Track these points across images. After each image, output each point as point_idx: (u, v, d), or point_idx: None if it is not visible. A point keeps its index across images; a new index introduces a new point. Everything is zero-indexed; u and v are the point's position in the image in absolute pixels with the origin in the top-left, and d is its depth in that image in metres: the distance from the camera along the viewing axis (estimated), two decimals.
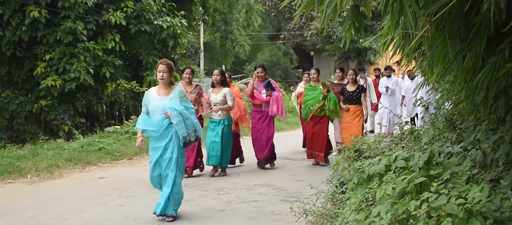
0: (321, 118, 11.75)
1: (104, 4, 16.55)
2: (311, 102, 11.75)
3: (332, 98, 11.60)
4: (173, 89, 7.48)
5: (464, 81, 5.06)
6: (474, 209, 3.25)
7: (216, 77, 10.75)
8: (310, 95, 11.87)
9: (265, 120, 11.44)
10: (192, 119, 7.44)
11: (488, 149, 4.60)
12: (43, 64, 15.60)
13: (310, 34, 37.32)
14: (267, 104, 11.36)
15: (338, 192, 5.77)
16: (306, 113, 11.82)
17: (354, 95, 11.93)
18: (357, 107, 11.91)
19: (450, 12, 3.62)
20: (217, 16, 26.61)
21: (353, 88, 12.01)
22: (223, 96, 10.61)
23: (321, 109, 11.60)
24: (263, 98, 11.41)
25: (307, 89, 12.06)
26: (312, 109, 11.65)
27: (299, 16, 4.47)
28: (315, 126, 11.79)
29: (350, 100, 11.95)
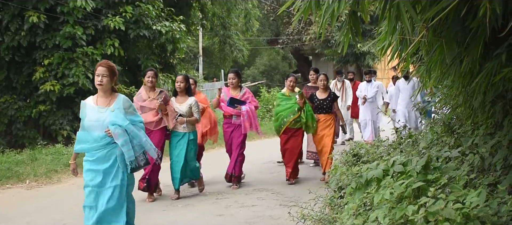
0: (295, 130, 10.45)
1: (103, 9, 16.56)
2: (284, 113, 10.39)
3: (309, 111, 10.34)
4: (116, 98, 5.99)
5: (461, 86, 5.08)
6: (472, 213, 3.26)
7: (180, 84, 9.21)
8: (283, 105, 10.54)
9: (236, 133, 10.08)
10: (140, 136, 6.04)
11: (486, 154, 4.61)
12: (41, 69, 15.60)
13: (308, 39, 37.37)
14: (238, 117, 10.00)
15: (336, 197, 5.77)
16: (279, 125, 10.46)
17: (325, 104, 10.57)
18: (328, 117, 10.56)
19: (447, 17, 3.64)
20: (216, 21, 26.61)
21: (324, 96, 10.64)
22: (188, 107, 9.11)
23: (295, 121, 10.33)
24: (232, 111, 10.01)
25: (281, 99, 10.73)
26: (286, 121, 10.33)
27: (297, 21, 4.49)
28: (289, 140, 10.46)
29: (320, 109, 10.56)
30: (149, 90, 9.12)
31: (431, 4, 3.74)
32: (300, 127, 10.41)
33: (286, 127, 10.34)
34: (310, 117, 10.30)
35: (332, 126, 10.50)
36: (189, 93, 9.34)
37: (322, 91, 10.73)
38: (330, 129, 10.45)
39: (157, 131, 8.88)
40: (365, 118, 15.86)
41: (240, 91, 10.20)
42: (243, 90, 10.23)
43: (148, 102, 8.96)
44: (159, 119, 8.89)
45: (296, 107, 10.29)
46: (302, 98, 10.23)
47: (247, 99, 10.15)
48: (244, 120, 9.94)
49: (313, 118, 10.34)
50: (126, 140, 5.87)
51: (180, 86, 9.23)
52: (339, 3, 3.73)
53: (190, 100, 9.19)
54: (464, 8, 3.38)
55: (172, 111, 9.04)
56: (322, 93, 10.71)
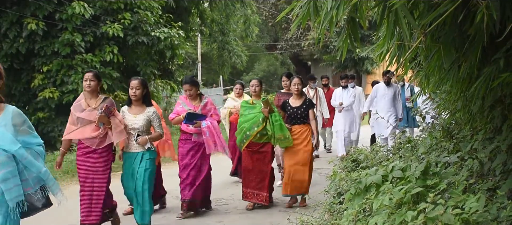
0: (261, 145, 8.72)
1: (101, 16, 16.58)
2: (247, 125, 8.62)
3: (277, 121, 8.48)
4: (3, 111, 4.42)
5: (460, 91, 5.09)
6: (471, 219, 3.26)
7: (135, 90, 7.17)
8: (246, 115, 8.75)
9: (197, 153, 8.27)
10: (38, 166, 4.58)
11: (485, 159, 4.61)
12: (40, 77, 15.60)
13: (307, 44, 37.48)
14: (199, 134, 8.24)
15: (336, 203, 5.77)
16: (241, 139, 8.67)
17: (299, 113, 8.80)
18: (303, 128, 8.81)
19: (445, 22, 3.64)
20: (215, 27, 26.67)
21: (299, 103, 8.87)
22: (146, 120, 7.19)
23: (261, 134, 8.55)
24: (192, 129, 8.27)
25: (244, 108, 8.96)
26: (249, 134, 8.57)
27: (296, 27, 4.50)
28: (253, 156, 8.72)
29: (294, 119, 8.83)
30: (90, 97, 7.18)
31: (428, 10, 3.75)
32: (267, 141, 8.67)
33: (249, 140, 8.61)
34: (278, 128, 8.48)
35: (309, 139, 8.83)
36: (147, 103, 7.35)
37: (296, 98, 8.95)
38: (306, 143, 8.76)
39: (101, 150, 7.04)
40: (339, 128, 14.35)
41: (200, 102, 8.41)
42: (204, 100, 8.45)
43: (86, 113, 7.05)
44: (103, 135, 7.01)
45: (261, 118, 8.51)
46: (267, 106, 8.42)
47: (208, 112, 8.42)
48: (207, 138, 8.20)
49: (282, 129, 8.51)
50: (12, 171, 4.35)
51: (135, 94, 7.18)
52: (338, 9, 3.73)
53: (148, 112, 7.25)
54: (461, 13, 3.38)
55: (117, 124, 6.99)
56: (295, 100, 8.95)
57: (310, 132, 8.86)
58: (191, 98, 8.35)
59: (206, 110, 8.38)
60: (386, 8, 3.64)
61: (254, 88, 9.14)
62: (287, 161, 8.75)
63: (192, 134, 8.24)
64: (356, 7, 3.89)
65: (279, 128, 8.48)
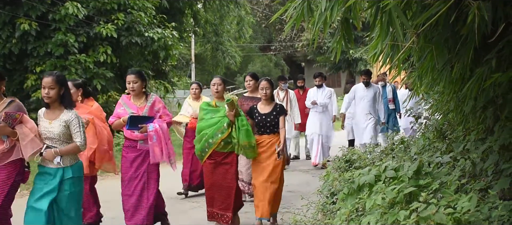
0: (225, 155, 7.40)
1: (95, 16, 16.55)
2: (209, 132, 7.28)
3: (243, 127, 7.20)
4: None
5: (452, 91, 5.12)
6: (463, 218, 3.28)
7: (48, 90, 5.43)
8: (208, 120, 7.41)
9: (143, 164, 6.95)
10: None
11: (477, 159, 4.64)
12: (33, 77, 15.55)
13: (301, 46, 37.55)
14: (146, 141, 6.92)
15: (329, 203, 5.79)
16: (202, 148, 7.32)
17: (269, 121, 7.46)
18: (274, 138, 7.44)
19: (437, 23, 3.67)
20: (208, 28, 26.68)
21: (268, 110, 7.53)
22: (63, 127, 5.48)
23: (225, 141, 7.27)
24: (137, 136, 6.97)
25: (205, 111, 7.55)
26: (212, 142, 7.25)
27: (290, 28, 4.52)
28: (217, 168, 7.41)
29: (263, 127, 7.50)
30: None
31: (421, 10, 3.78)
32: (232, 150, 7.36)
33: (212, 150, 7.30)
34: (245, 134, 7.18)
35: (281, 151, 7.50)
36: (67, 104, 5.58)
37: (265, 104, 7.63)
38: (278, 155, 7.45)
39: (5, 166, 5.57)
40: (313, 131, 13.16)
41: (146, 101, 7.09)
42: (151, 99, 7.12)
43: None
44: (8, 148, 5.55)
45: (226, 122, 7.20)
46: (233, 109, 7.13)
47: (157, 113, 7.14)
48: (153, 143, 6.88)
49: (248, 135, 7.22)
50: None
51: (49, 94, 5.44)
52: (332, 10, 3.75)
53: (67, 116, 5.49)
54: (453, 14, 3.41)
55: (25, 134, 5.45)
56: (265, 106, 7.62)
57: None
58: (134, 94, 7.04)
59: (154, 112, 7.09)
60: (380, 9, 3.66)
61: (216, 87, 7.69)
62: (256, 177, 7.39)
63: (137, 140, 6.97)
64: (350, 8, 3.91)
65: (245, 134, 7.20)
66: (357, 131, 12.62)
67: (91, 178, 7.23)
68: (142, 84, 6.98)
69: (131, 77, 6.93)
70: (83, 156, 6.55)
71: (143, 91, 7.05)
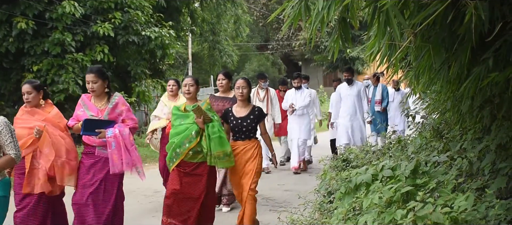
0: (195, 166, 6.60)
1: (92, 15, 16.52)
2: (177, 140, 6.53)
3: (215, 134, 6.45)
4: None
5: (449, 91, 5.12)
6: (460, 217, 3.29)
7: None
8: (176, 127, 6.65)
9: (101, 171, 6.17)
10: None
11: (474, 158, 4.65)
12: (30, 76, 15.49)
13: (298, 45, 37.55)
14: (104, 147, 6.17)
15: (326, 202, 5.79)
16: (171, 157, 6.60)
17: (245, 125, 6.84)
18: (250, 144, 6.86)
19: (435, 22, 3.67)
20: (205, 27, 26.66)
21: (245, 113, 6.89)
22: None
23: (194, 151, 6.51)
24: (94, 140, 6.20)
25: (175, 116, 6.76)
26: (179, 152, 6.51)
27: (287, 27, 4.52)
28: (184, 178, 6.58)
29: (239, 133, 6.88)
30: None
31: (419, 10, 3.78)
32: (203, 160, 6.57)
33: (180, 159, 6.53)
34: (217, 143, 6.45)
35: (258, 157, 6.87)
36: None
37: (242, 106, 6.95)
38: (254, 161, 6.82)
39: None
40: (292, 136, 12.49)
41: (108, 103, 6.37)
42: (114, 100, 6.39)
43: None
44: None
45: (194, 130, 6.46)
46: (200, 115, 6.39)
47: (118, 116, 6.36)
48: (112, 151, 6.10)
49: (221, 144, 6.50)
50: None
51: None
52: (329, 9, 3.75)
53: None
54: (451, 13, 3.41)
55: None
56: (241, 108, 6.95)
57: (259, 149, 6.93)
58: (95, 95, 6.34)
59: (115, 115, 6.31)
60: (377, 8, 3.66)
61: (188, 88, 6.81)
62: (235, 189, 7.00)
63: (95, 146, 6.21)
64: (347, 7, 3.92)
65: (218, 142, 6.46)
66: (341, 130, 11.97)
67: (55, 198, 6.29)
68: (103, 83, 6.28)
69: (90, 76, 6.23)
70: (41, 171, 5.94)
71: (105, 92, 6.35)
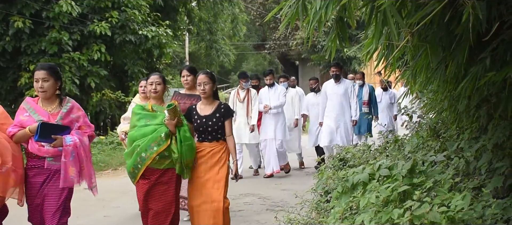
0: (161, 173, 5.80)
1: (88, 14, 16.52)
2: (143, 143, 5.69)
3: (187, 141, 5.75)
4: None
5: (446, 90, 5.13)
6: (457, 217, 3.29)
7: None
8: (141, 128, 5.82)
9: (55, 189, 5.15)
10: None
11: (470, 158, 4.65)
12: (27, 75, 15.50)
13: (295, 44, 37.55)
14: (56, 158, 5.15)
15: (323, 201, 5.79)
16: (134, 164, 5.74)
17: (210, 124, 5.99)
18: (216, 147, 6.02)
19: (432, 22, 3.67)
20: (202, 26, 26.67)
21: (210, 111, 6.06)
22: None
23: (161, 156, 5.70)
24: (47, 151, 5.17)
25: (138, 116, 5.92)
26: (144, 157, 5.67)
27: (284, 27, 4.52)
28: (152, 191, 5.80)
29: (204, 132, 6.03)
30: None
31: (416, 9, 3.78)
32: (170, 166, 5.80)
33: (146, 166, 5.70)
34: (189, 150, 5.76)
35: (224, 163, 6.03)
36: None
37: (206, 103, 6.12)
38: (220, 169, 5.98)
39: None
40: (266, 137, 11.58)
41: (60, 106, 5.44)
42: (68, 104, 5.48)
43: None
44: None
45: (164, 132, 5.69)
46: (175, 116, 5.68)
47: (74, 122, 5.42)
48: (68, 162, 5.11)
49: (192, 152, 5.84)
50: None
51: None
52: (326, 9, 3.75)
53: None
54: (448, 13, 3.41)
55: None
56: (205, 106, 6.12)
57: (226, 153, 6.09)
58: (44, 98, 5.34)
59: (70, 120, 5.34)
60: (374, 7, 3.66)
61: (154, 87, 6.01)
62: (194, 197, 5.94)
63: (45, 157, 5.15)
64: (345, 7, 3.92)
65: (190, 150, 5.78)
66: (325, 131, 11.16)
67: None
68: (55, 84, 5.31)
69: (41, 73, 5.22)
70: None
71: (56, 94, 5.38)
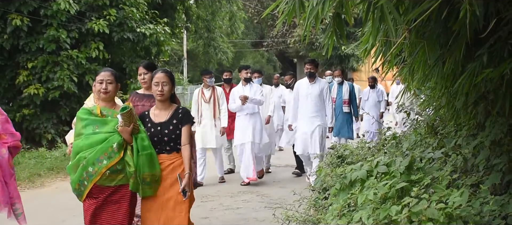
0: (112, 191, 4.89)
1: (86, 12, 16.49)
2: (91, 155, 4.76)
3: (146, 150, 4.86)
4: None
5: (444, 87, 5.13)
6: (455, 213, 3.29)
7: None
8: (88, 137, 4.85)
9: None
10: None
11: (468, 154, 4.66)
12: (25, 73, 15.47)
13: (293, 41, 37.50)
14: None
15: (321, 198, 5.80)
16: (79, 179, 4.81)
17: (167, 133, 5.04)
18: (175, 160, 5.07)
19: (429, 19, 3.68)
20: (200, 24, 26.66)
21: (166, 116, 5.10)
22: None
23: (112, 170, 4.79)
24: None
25: (84, 122, 4.90)
26: (92, 172, 4.75)
27: (281, 24, 4.52)
28: (102, 212, 4.93)
29: (160, 143, 5.05)
30: None
31: (413, 6, 3.78)
32: (124, 182, 4.89)
33: (94, 183, 4.78)
34: (148, 162, 4.84)
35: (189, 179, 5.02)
36: None
37: (161, 108, 5.15)
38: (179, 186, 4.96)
39: None
40: (243, 140, 10.41)
41: None
42: None
43: None
44: None
45: (115, 142, 4.77)
46: (130, 122, 4.77)
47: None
48: None
49: (152, 164, 4.90)
50: None
51: None
52: (323, 5, 3.75)
53: None
54: (445, 10, 3.41)
55: None
56: (160, 111, 5.15)
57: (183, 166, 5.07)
58: None
59: None
60: (372, 4, 3.66)
61: (105, 86, 4.94)
62: (149, 219, 5.06)
63: None
64: (342, 4, 3.91)
65: (149, 162, 4.84)
66: (299, 138, 10.03)
67: None
68: None
69: None
70: None
71: None
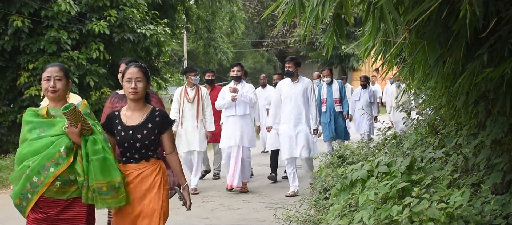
0: (64, 207, 4.12)
1: (87, 13, 16.48)
2: (35, 163, 4.03)
3: (98, 154, 4.07)
4: None
5: (444, 86, 5.13)
6: (456, 213, 3.30)
7: None
8: (33, 142, 4.15)
9: None
10: None
11: (469, 154, 4.66)
12: (26, 74, 15.46)
13: (293, 41, 37.51)
14: None
15: (322, 198, 5.80)
16: (21, 192, 4.06)
17: (139, 138, 4.33)
18: (148, 168, 4.37)
19: (429, 18, 3.67)
20: (200, 24, 26.64)
21: (140, 119, 4.40)
22: None
23: (63, 180, 4.04)
24: None
25: (30, 125, 4.23)
26: (37, 182, 4.01)
27: (282, 24, 4.52)
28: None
29: (130, 150, 4.37)
30: None
31: (413, 6, 3.78)
32: (77, 195, 4.15)
33: (38, 196, 4.05)
34: (99, 168, 4.06)
35: (158, 190, 4.41)
36: None
37: (134, 108, 4.46)
38: (158, 197, 4.40)
39: None
40: (232, 143, 9.66)
41: None
42: None
43: None
44: None
45: (63, 145, 4.05)
46: (76, 122, 4.02)
47: None
48: None
49: (106, 170, 4.10)
50: None
51: None
52: (323, 6, 3.75)
53: None
54: (445, 9, 3.41)
55: None
56: (133, 112, 4.46)
57: (162, 175, 4.48)
58: None
59: None
60: (372, 4, 3.66)
61: (53, 83, 4.35)
62: None
63: None
64: (342, 4, 3.91)
65: (101, 167, 4.08)
66: (283, 141, 9.40)
67: None
68: None
69: None
70: None
71: None
